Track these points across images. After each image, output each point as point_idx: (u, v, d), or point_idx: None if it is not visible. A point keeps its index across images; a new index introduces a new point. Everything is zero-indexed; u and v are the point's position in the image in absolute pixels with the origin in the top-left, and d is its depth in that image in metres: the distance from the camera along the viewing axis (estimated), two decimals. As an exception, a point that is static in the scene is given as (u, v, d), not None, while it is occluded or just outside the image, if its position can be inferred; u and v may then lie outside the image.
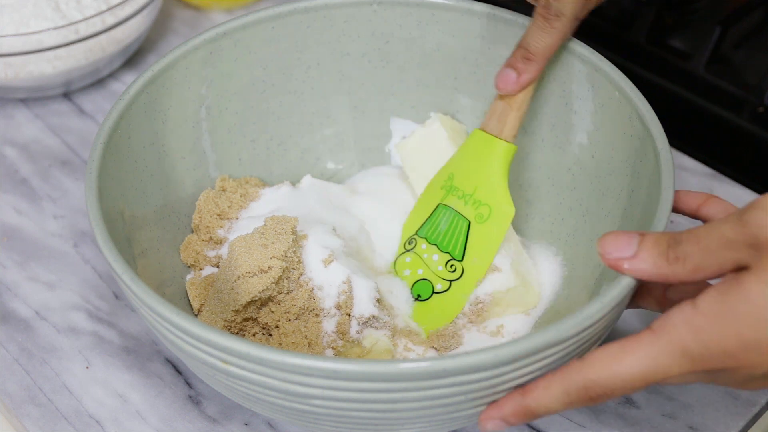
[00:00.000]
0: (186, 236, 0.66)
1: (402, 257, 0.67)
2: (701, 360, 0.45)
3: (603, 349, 0.47)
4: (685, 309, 0.45)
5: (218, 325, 0.59)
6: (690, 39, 0.83)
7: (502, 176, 0.64)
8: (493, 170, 0.64)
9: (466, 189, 0.65)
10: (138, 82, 0.62)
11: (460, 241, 0.64)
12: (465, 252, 0.64)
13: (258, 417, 0.62)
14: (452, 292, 0.65)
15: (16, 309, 0.69)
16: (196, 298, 0.62)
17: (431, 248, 0.66)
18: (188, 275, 0.65)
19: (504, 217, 0.63)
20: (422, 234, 0.67)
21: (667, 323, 0.46)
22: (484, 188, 0.64)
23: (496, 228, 0.64)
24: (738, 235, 0.44)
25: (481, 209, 0.64)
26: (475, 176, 0.64)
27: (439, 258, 0.65)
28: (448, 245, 0.65)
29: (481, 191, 0.64)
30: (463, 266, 0.64)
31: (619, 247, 0.49)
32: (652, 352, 0.46)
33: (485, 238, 0.64)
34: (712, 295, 0.45)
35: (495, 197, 0.64)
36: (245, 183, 0.69)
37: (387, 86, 0.72)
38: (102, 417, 0.62)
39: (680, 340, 0.45)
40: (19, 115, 0.85)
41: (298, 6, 0.68)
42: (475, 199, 0.64)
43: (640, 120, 0.59)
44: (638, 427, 0.61)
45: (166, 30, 0.93)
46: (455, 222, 0.65)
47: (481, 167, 0.64)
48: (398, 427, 0.52)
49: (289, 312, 0.60)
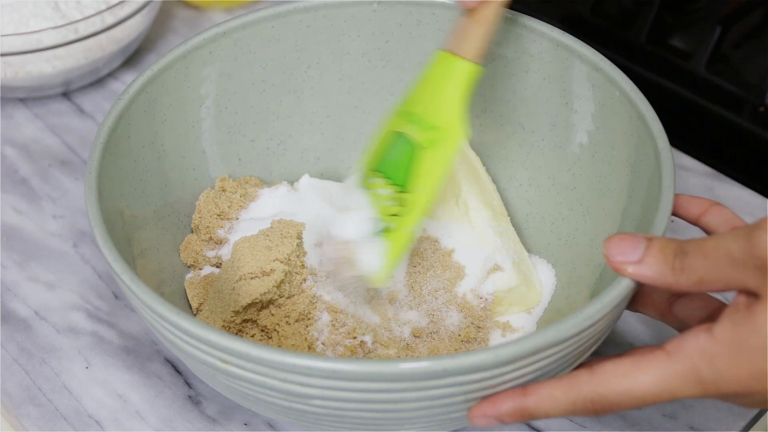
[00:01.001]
0: (185, 236, 0.66)
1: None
2: (714, 386, 0.46)
3: (614, 364, 0.47)
4: (700, 336, 0.46)
5: (217, 325, 0.59)
6: (690, 38, 0.83)
7: (459, 98, 0.58)
8: (451, 91, 0.58)
9: (421, 112, 0.59)
10: (137, 81, 0.62)
11: (405, 169, 0.58)
12: (411, 181, 0.58)
13: (258, 417, 0.62)
14: (399, 230, 0.59)
15: (16, 309, 0.69)
16: (195, 297, 0.62)
17: (384, 182, 0.59)
18: (188, 275, 0.65)
19: (452, 139, 0.58)
20: (377, 167, 0.60)
21: (682, 347, 0.46)
22: (439, 111, 0.58)
23: (443, 152, 0.58)
24: (745, 255, 0.44)
25: (432, 133, 0.58)
26: (432, 99, 0.59)
27: (386, 192, 0.59)
28: (397, 176, 0.59)
29: (436, 114, 0.58)
30: (412, 198, 0.58)
31: (625, 250, 0.49)
32: (665, 373, 0.46)
33: (432, 165, 0.58)
34: (727, 324, 0.45)
35: (447, 119, 0.58)
36: (245, 183, 0.69)
37: (387, 86, 0.72)
38: (101, 417, 0.62)
39: (694, 367, 0.46)
40: (19, 115, 0.85)
41: (298, 5, 0.68)
42: (429, 124, 0.58)
43: (640, 119, 0.58)
44: (638, 427, 0.61)
45: (165, 29, 0.93)
46: (405, 149, 0.59)
47: (438, 89, 0.59)
48: (398, 427, 0.52)
49: (288, 316, 0.60)
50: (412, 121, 0.59)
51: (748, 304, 0.45)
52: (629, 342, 0.65)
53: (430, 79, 0.60)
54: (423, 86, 0.60)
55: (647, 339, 0.65)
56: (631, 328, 0.66)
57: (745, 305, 0.45)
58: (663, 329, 0.64)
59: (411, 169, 0.58)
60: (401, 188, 0.58)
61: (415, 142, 0.58)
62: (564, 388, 0.48)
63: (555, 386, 0.48)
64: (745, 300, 0.45)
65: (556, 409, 0.48)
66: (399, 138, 0.59)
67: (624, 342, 0.65)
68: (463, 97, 0.58)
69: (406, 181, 0.58)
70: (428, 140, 0.58)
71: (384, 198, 0.59)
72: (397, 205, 0.58)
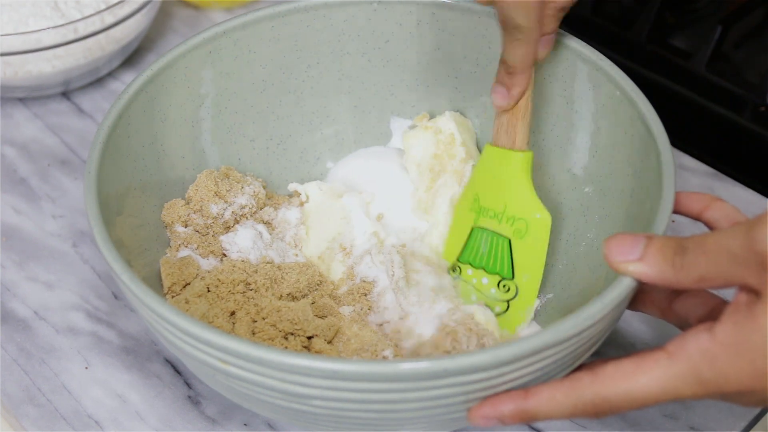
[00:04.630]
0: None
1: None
2: (715, 386, 0.46)
3: (616, 366, 0.47)
4: (701, 337, 0.46)
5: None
6: (691, 38, 0.83)
7: (527, 186, 0.63)
8: (517, 183, 0.63)
9: (497, 208, 0.64)
10: (137, 81, 0.62)
11: (506, 260, 0.64)
12: (513, 270, 0.63)
13: (257, 417, 0.62)
14: (511, 312, 0.64)
15: (15, 309, 0.69)
16: (168, 276, 0.61)
17: (478, 272, 0.65)
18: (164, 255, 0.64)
19: (542, 226, 0.62)
20: (464, 260, 0.66)
21: (683, 348, 0.46)
22: (514, 203, 0.63)
23: (537, 239, 0.62)
24: (746, 252, 0.44)
25: (517, 224, 0.63)
26: (502, 193, 0.63)
27: (489, 281, 0.64)
28: (495, 266, 0.64)
29: (512, 206, 0.63)
30: (516, 284, 0.64)
31: (625, 249, 0.49)
32: (666, 374, 0.46)
33: (530, 252, 0.63)
34: (728, 324, 0.45)
35: (527, 209, 0.62)
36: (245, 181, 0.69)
37: (387, 86, 0.72)
38: (101, 417, 0.62)
39: (696, 367, 0.46)
40: (18, 115, 0.84)
41: (298, 5, 0.68)
42: (509, 216, 0.63)
43: (641, 119, 0.58)
44: (639, 427, 0.61)
45: (165, 29, 0.93)
46: (495, 242, 0.64)
47: (504, 183, 0.63)
48: (398, 427, 0.52)
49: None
50: (490, 216, 0.64)
51: (748, 303, 0.45)
52: (630, 342, 0.65)
53: (492, 174, 0.64)
54: (488, 182, 0.64)
55: (648, 338, 0.65)
56: (633, 327, 0.66)
57: (745, 304, 0.45)
58: (664, 329, 0.64)
59: (512, 258, 0.63)
60: (502, 276, 0.64)
61: (508, 235, 0.63)
62: (565, 391, 0.48)
63: (556, 388, 0.48)
64: (746, 298, 0.45)
65: (557, 411, 0.48)
66: (484, 233, 0.65)
67: (625, 342, 0.65)
68: (530, 183, 0.63)
69: (510, 269, 0.64)
70: (517, 231, 0.63)
71: (487, 287, 0.65)
72: (506, 291, 0.64)
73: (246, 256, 0.63)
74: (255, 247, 0.64)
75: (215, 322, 0.58)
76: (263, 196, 0.67)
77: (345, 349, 0.58)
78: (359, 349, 0.58)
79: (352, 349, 0.58)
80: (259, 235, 0.65)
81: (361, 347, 0.58)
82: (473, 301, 0.65)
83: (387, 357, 0.57)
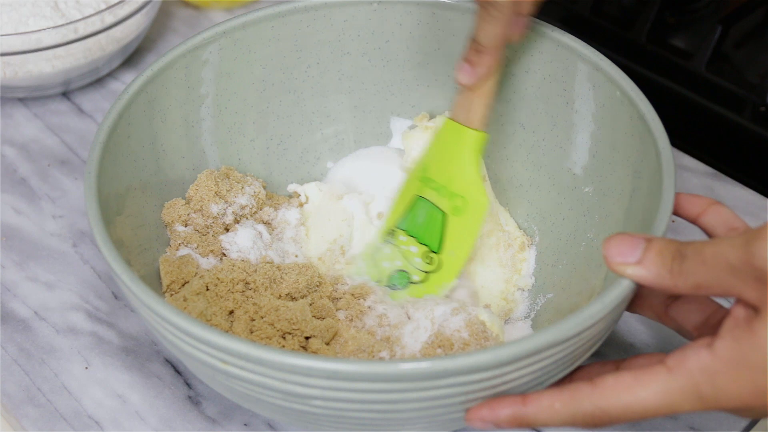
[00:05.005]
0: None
1: (380, 248, 0.66)
2: (714, 402, 0.46)
3: (615, 378, 0.47)
4: (701, 353, 0.46)
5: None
6: (691, 38, 0.83)
7: (474, 166, 0.63)
8: (465, 160, 0.63)
9: (440, 180, 0.64)
10: (137, 81, 0.62)
11: (437, 234, 0.64)
12: (442, 244, 0.64)
13: (258, 417, 0.62)
14: (429, 284, 0.64)
15: (15, 309, 0.68)
16: (168, 275, 0.61)
17: (411, 240, 0.65)
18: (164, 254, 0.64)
19: (479, 209, 0.63)
20: (402, 226, 0.66)
21: (683, 364, 0.46)
22: (458, 180, 0.63)
23: (472, 220, 0.63)
24: (744, 265, 0.44)
25: (456, 201, 0.64)
26: (448, 167, 0.64)
27: (417, 250, 0.65)
28: (425, 237, 0.65)
29: (455, 183, 0.64)
30: (440, 258, 0.64)
31: (624, 251, 0.49)
32: (666, 389, 0.46)
33: (462, 231, 0.63)
34: (728, 340, 0.45)
35: (469, 189, 0.63)
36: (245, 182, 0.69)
37: (387, 86, 0.72)
38: (101, 417, 0.62)
39: (695, 383, 0.46)
40: (18, 115, 0.84)
41: (298, 5, 0.68)
42: (450, 191, 0.64)
43: (641, 119, 0.58)
44: (638, 428, 0.61)
45: (165, 29, 0.93)
46: (432, 214, 0.64)
47: (453, 158, 0.64)
48: (398, 427, 0.52)
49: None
50: (433, 188, 0.64)
51: (747, 318, 0.45)
52: (630, 342, 0.65)
53: (443, 147, 0.65)
54: (438, 154, 0.65)
55: (648, 340, 0.65)
56: (632, 328, 0.66)
57: (744, 319, 0.45)
58: (663, 331, 0.64)
59: (443, 234, 0.64)
60: (430, 249, 0.64)
61: (444, 210, 0.64)
62: (564, 400, 0.48)
63: (555, 397, 0.48)
64: (745, 313, 0.45)
65: (554, 420, 0.48)
66: (424, 203, 0.65)
67: (625, 342, 0.65)
68: (477, 164, 0.63)
69: (439, 244, 0.64)
70: (454, 208, 0.64)
71: (414, 255, 0.65)
72: (428, 263, 0.64)
73: (246, 256, 0.63)
74: (255, 247, 0.64)
75: (213, 321, 0.58)
76: (263, 196, 0.68)
77: (342, 351, 0.58)
78: (356, 350, 0.58)
79: (348, 350, 0.58)
80: (258, 235, 0.65)
81: (358, 348, 0.58)
82: (398, 266, 0.65)
83: (384, 358, 0.57)
